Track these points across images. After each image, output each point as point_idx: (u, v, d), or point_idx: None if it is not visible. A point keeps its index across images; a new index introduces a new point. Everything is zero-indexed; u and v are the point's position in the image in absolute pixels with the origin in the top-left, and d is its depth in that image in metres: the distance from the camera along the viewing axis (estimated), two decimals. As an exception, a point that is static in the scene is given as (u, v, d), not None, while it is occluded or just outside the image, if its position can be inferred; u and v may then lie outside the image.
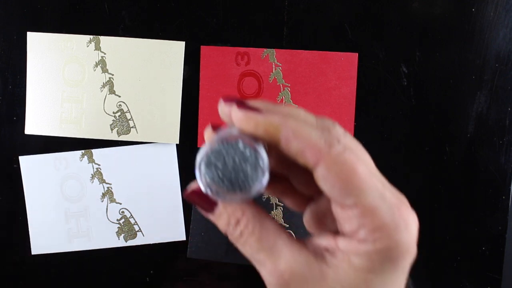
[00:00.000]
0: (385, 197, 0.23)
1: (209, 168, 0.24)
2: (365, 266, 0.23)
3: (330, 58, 0.41)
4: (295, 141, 0.23)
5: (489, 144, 0.41)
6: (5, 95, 0.41)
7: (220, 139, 0.24)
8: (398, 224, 0.22)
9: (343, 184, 0.22)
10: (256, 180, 0.24)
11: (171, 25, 0.41)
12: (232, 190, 0.24)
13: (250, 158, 0.24)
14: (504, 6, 0.40)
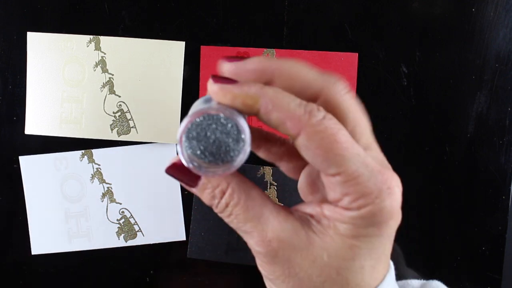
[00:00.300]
0: (367, 164, 0.23)
1: (191, 142, 0.24)
2: (350, 232, 0.23)
3: (330, 58, 0.41)
4: (274, 112, 0.23)
5: (489, 144, 0.41)
6: (5, 95, 0.41)
7: (201, 112, 0.24)
8: (381, 189, 0.23)
9: (324, 153, 0.22)
10: (238, 152, 0.24)
11: (171, 25, 0.41)
12: (214, 163, 0.24)
13: (232, 130, 0.24)
14: (504, 6, 0.40)
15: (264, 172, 0.41)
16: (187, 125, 0.24)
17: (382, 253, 0.24)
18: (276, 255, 0.24)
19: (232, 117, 0.24)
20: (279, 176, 0.41)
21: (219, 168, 0.24)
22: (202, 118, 0.24)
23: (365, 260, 0.24)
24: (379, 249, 0.24)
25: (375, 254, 0.24)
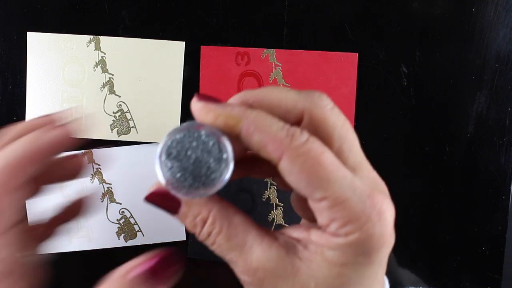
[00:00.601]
0: (355, 187, 0.21)
1: (170, 161, 0.22)
2: (338, 260, 0.22)
3: (330, 58, 0.41)
4: (256, 134, 0.22)
5: (489, 144, 0.41)
6: (5, 95, 0.41)
7: (182, 129, 0.22)
8: (370, 215, 0.21)
9: (307, 176, 0.21)
10: (219, 174, 0.22)
11: (171, 25, 0.41)
12: (194, 184, 0.22)
13: (213, 149, 0.22)
14: (504, 6, 0.40)
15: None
16: (167, 142, 0.22)
17: (374, 279, 0.23)
18: (262, 284, 0.23)
19: (215, 135, 0.22)
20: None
21: (199, 191, 0.22)
22: (183, 135, 0.22)
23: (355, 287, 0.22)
24: (371, 277, 0.22)
25: (366, 281, 0.22)
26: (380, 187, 0.23)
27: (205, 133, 0.22)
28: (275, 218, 0.42)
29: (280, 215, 0.42)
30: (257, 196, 0.42)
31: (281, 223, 0.42)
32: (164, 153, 0.22)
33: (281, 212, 0.42)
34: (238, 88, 0.41)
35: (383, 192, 0.22)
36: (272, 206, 0.42)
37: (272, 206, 0.42)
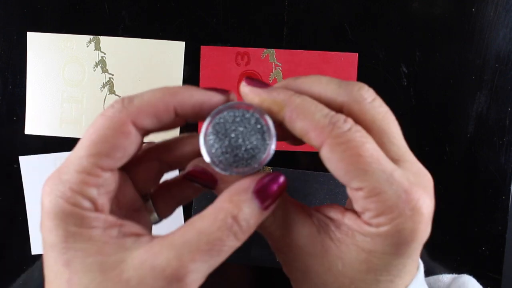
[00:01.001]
0: (393, 180, 0.21)
1: (214, 139, 0.23)
2: (367, 247, 0.22)
3: (330, 58, 0.41)
4: (299, 121, 0.22)
5: (489, 144, 0.41)
6: (5, 95, 0.41)
7: (226, 108, 0.23)
8: (403, 210, 0.21)
9: (346, 166, 0.21)
10: (261, 153, 0.23)
11: (171, 25, 0.41)
12: (236, 162, 0.23)
13: (256, 128, 0.23)
14: (504, 6, 0.40)
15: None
16: (211, 120, 0.23)
17: (401, 269, 0.23)
18: (294, 260, 0.24)
19: (258, 113, 0.23)
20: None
21: (242, 169, 0.23)
22: (227, 113, 0.23)
23: (381, 275, 0.22)
24: (398, 267, 0.23)
25: (393, 271, 0.23)
26: (422, 181, 0.22)
27: (249, 112, 0.23)
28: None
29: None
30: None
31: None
32: (209, 131, 0.23)
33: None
34: (238, 88, 0.41)
35: (423, 187, 0.22)
36: (272, 206, 0.42)
37: (272, 206, 0.42)
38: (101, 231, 0.22)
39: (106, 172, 0.22)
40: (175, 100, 0.23)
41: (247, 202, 0.23)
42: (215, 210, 0.23)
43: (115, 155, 0.22)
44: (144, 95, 0.23)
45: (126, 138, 0.23)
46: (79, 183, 0.22)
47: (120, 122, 0.23)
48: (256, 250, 0.42)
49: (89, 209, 0.22)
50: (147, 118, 0.23)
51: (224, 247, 0.22)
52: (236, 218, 0.22)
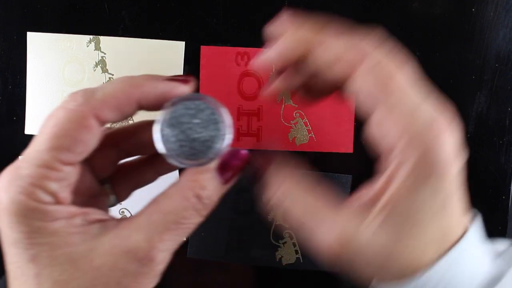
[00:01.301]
0: (420, 110, 0.22)
1: (170, 130, 0.23)
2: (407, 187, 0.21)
3: (330, 58, 0.41)
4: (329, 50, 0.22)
5: (489, 144, 0.41)
6: (5, 95, 0.41)
7: (181, 99, 0.23)
8: (430, 140, 0.21)
9: (379, 90, 0.21)
10: (218, 141, 0.23)
11: (171, 25, 0.41)
12: (193, 153, 0.23)
13: (212, 118, 0.23)
14: (504, 6, 0.40)
15: None
16: (167, 112, 0.23)
17: (446, 200, 0.22)
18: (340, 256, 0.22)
19: (212, 104, 0.23)
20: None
21: (199, 160, 0.23)
22: (182, 105, 0.23)
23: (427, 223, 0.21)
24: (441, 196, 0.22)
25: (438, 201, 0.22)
26: (446, 113, 0.23)
27: (204, 104, 0.23)
28: (275, 218, 0.42)
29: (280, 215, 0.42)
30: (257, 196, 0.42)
31: (281, 223, 0.42)
32: (164, 124, 0.23)
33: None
34: (238, 88, 0.41)
35: (449, 117, 0.23)
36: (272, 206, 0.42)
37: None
38: (65, 222, 0.21)
39: (67, 166, 0.22)
40: (138, 92, 0.23)
41: (210, 180, 0.23)
42: (180, 189, 0.23)
43: (77, 149, 0.22)
44: (107, 88, 0.23)
45: (87, 132, 0.22)
46: (40, 177, 0.21)
47: (82, 115, 0.22)
48: (256, 250, 0.42)
49: (51, 203, 0.22)
50: (109, 111, 0.23)
51: (190, 224, 0.23)
52: (200, 196, 0.23)
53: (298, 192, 0.24)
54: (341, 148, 0.41)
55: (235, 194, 0.41)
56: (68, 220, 0.22)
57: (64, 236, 0.21)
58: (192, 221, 0.23)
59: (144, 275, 0.22)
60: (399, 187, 0.21)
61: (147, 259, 0.21)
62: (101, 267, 0.21)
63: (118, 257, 0.21)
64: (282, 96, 0.41)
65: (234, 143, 0.41)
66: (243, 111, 0.41)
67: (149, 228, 0.22)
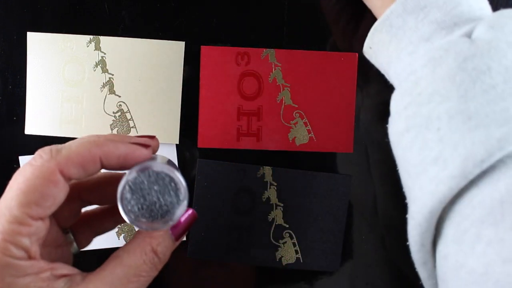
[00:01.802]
0: None
1: (131, 196, 0.25)
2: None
3: (330, 58, 0.41)
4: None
5: (489, 144, 0.41)
6: (5, 95, 0.41)
7: (139, 169, 0.25)
8: None
9: None
10: (175, 207, 0.25)
11: (171, 25, 0.41)
12: (152, 217, 0.25)
13: (170, 186, 0.25)
14: (504, 6, 0.40)
15: (264, 172, 0.41)
16: (127, 182, 0.25)
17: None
18: None
19: (169, 172, 0.25)
20: (279, 176, 0.41)
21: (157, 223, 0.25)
22: (141, 173, 0.25)
23: None
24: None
25: None
26: None
27: (164, 171, 0.25)
28: (275, 218, 0.42)
29: (280, 215, 0.42)
30: (257, 196, 0.42)
31: (281, 223, 0.42)
32: (126, 189, 0.25)
33: (281, 212, 0.42)
34: (238, 88, 0.41)
35: None
36: (272, 206, 0.42)
37: (272, 206, 0.42)
38: (35, 277, 0.23)
39: (37, 221, 0.23)
40: (100, 151, 0.25)
41: (164, 237, 0.26)
42: (138, 245, 0.26)
43: (45, 204, 0.23)
44: (72, 145, 0.25)
45: (54, 187, 0.24)
46: (12, 233, 0.22)
47: (49, 171, 0.23)
48: (256, 250, 0.42)
49: (23, 258, 0.23)
50: (74, 168, 0.24)
51: (148, 277, 0.26)
52: (156, 252, 0.26)
53: None
54: (341, 148, 0.41)
55: (234, 194, 0.41)
56: (37, 275, 0.23)
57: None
58: (150, 273, 0.26)
59: None
60: None
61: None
62: None
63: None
64: (282, 96, 0.41)
65: (234, 143, 0.41)
66: (243, 111, 0.41)
67: (113, 282, 0.24)
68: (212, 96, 0.41)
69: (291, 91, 0.41)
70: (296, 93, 0.41)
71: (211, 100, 0.41)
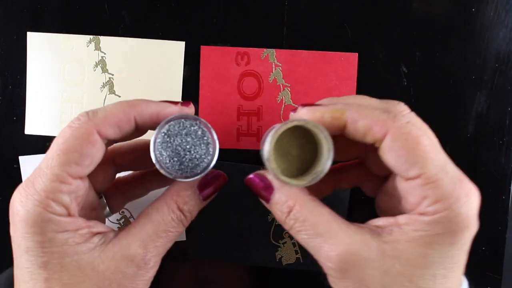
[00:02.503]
0: (448, 169, 0.24)
1: (163, 146, 0.25)
2: (424, 240, 0.23)
3: (330, 58, 0.41)
4: (361, 120, 0.24)
5: (489, 144, 0.41)
6: (5, 95, 0.41)
7: (176, 118, 0.26)
8: (459, 196, 0.23)
9: (407, 154, 0.23)
10: (205, 162, 0.26)
11: (171, 25, 0.41)
12: (182, 169, 0.26)
13: (203, 139, 0.26)
14: (504, 6, 0.40)
15: None
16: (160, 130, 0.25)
17: (455, 263, 0.24)
18: (347, 269, 0.24)
19: (204, 126, 0.26)
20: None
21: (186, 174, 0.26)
22: (176, 124, 0.25)
23: (437, 269, 0.23)
24: (452, 259, 0.24)
25: (448, 264, 0.24)
26: (466, 177, 0.25)
27: (197, 124, 0.26)
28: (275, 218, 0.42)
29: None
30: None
31: (281, 223, 0.42)
32: (158, 139, 0.25)
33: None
34: (238, 88, 0.41)
35: (469, 180, 0.25)
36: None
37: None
38: (74, 233, 0.25)
39: (77, 180, 0.25)
40: (134, 110, 0.26)
41: (192, 196, 0.27)
42: (166, 203, 0.27)
43: (84, 163, 0.25)
44: (107, 108, 0.26)
45: (93, 147, 0.25)
46: (54, 191, 0.24)
47: (87, 132, 0.25)
48: (256, 250, 0.42)
49: (64, 215, 0.25)
50: (110, 127, 0.26)
51: (176, 232, 0.27)
52: (182, 210, 0.27)
53: (315, 203, 0.26)
54: (341, 148, 0.41)
55: (235, 194, 0.41)
56: (76, 232, 0.25)
57: (72, 246, 0.24)
58: (178, 229, 0.27)
59: (140, 276, 0.26)
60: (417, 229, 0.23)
61: (143, 263, 0.25)
62: (104, 271, 0.25)
63: (119, 262, 0.25)
64: (282, 96, 0.41)
65: (234, 143, 0.41)
66: (243, 111, 0.41)
67: (144, 237, 0.26)
68: (212, 96, 0.41)
69: (291, 91, 0.41)
70: (296, 93, 0.41)
71: (211, 100, 0.41)
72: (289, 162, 0.27)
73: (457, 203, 0.23)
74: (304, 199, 0.26)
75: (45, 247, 0.24)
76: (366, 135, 0.25)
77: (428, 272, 0.23)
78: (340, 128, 0.25)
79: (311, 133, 0.26)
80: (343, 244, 0.24)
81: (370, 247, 0.24)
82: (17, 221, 0.25)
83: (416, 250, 0.23)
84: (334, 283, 0.25)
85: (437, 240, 0.23)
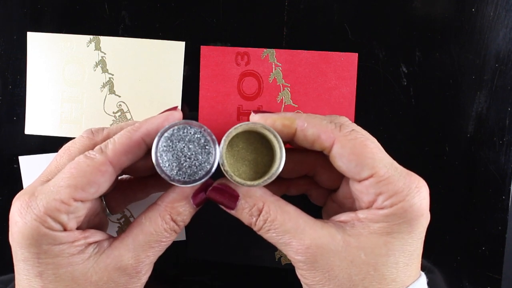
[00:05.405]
0: (396, 166, 0.26)
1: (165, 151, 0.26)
2: (384, 230, 0.25)
3: (330, 58, 0.41)
4: (310, 128, 0.27)
5: (489, 144, 0.41)
6: (5, 95, 0.41)
7: (179, 123, 0.26)
8: (410, 188, 0.25)
9: (357, 158, 0.26)
10: (204, 170, 0.26)
11: (171, 25, 0.41)
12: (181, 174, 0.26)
13: (204, 147, 0.26)
14: (504, 6, 0.40)
15: None
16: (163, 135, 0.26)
17: (414, 251, 0.26)
18: (316, 261, 0.26)
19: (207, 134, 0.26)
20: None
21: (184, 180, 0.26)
22: (179, 130, 0.26)
23: (399, 256, 0.26)
24: (412, 246, 0.26)
25: (407, 252, 0.26)
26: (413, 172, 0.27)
27: (200, 132, 0.26)
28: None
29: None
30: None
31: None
32: (160, 144, 0.26)
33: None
34: (238, 88, 0.41)
35: (417, 175, 0.27)
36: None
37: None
38: (69, 245, 0.26)
39: (77, 202, 0.26)
40: (140, 133, 0.27)
41: (186, 206, 0.28)
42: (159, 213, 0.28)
43: (90, 190, 0.26)
44: (116, 138, 0.27)
45: (102, 176, 0.26)
46: (53, 209, 0.25)
47: (100, 162, 0.26)
48: (256, 250, 0.42)
49: (59, 230, 0.26)
50: (122, 157, 0.27)
51: (168, 241, 0.28)
52: (176, 221, 0.28)
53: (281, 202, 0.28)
54: (341, 148, 0.41)
55: (235, 194, 0.41)
56: (72, 244, 0.26)
57: (67, 257, 0.26)
58: (170, 238, 0.28)
59: (132, 284, 0.27)
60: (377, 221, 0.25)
61: (135, 272, 0.26)
62: (97, 281, 0.26)
63: (111, 273, 0.26)
64: (282, 96, 0.41)
65: (234, 143, 0.41)
66: (243, 111, 0.41)
67: (136, 248, 0.27)
68: (212, 96, 0.41)
69: (291, 91, 0.41)
70: (296, 93, 0.41)
71: (211, 100, 0.41)
72: (246, 166, 0.28)
73: (409, 195, 0.25)
74: (270, 200, 0.27)
75: (41, 258, 0.25)
76: (314, 143, 0.27)
77: (391, 260, 0.25)
78: (290, 135, 0.27)
79: (265, 138, 0.28)
80: (310, 238, 0.26)
81: (336, 240, 0.26)
82: (15, 232, 0.26)
83: (378, 240, 0.25)
84: (304, 276, 0.27)
85: (396, 229, 0.25)
